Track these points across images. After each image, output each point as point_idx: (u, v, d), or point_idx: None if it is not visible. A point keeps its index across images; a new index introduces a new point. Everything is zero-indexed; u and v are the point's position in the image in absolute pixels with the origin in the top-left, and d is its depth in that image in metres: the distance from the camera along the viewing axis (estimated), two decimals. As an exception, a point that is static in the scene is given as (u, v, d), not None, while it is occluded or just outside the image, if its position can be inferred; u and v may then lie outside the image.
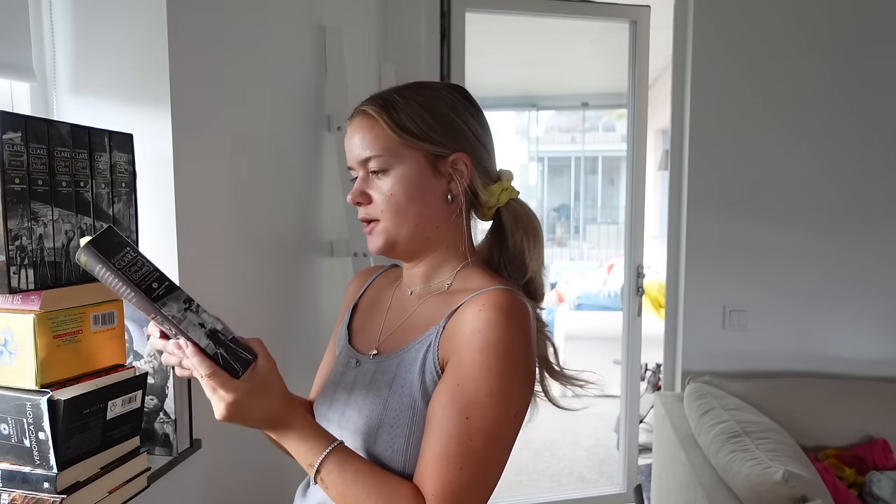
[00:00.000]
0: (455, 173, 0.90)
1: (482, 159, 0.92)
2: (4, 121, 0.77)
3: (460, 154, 0.89)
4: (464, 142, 0.90)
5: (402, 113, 0.88)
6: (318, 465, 0.78)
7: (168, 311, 0.70)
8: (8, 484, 0.84)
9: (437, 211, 0.90)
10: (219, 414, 0.75)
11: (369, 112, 0.89)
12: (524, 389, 0.83)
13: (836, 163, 2.43)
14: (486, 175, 0.92)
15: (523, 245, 0.93)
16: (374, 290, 1.06)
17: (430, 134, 0.88)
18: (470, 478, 0.77)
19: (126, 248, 0.70)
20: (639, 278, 2.89)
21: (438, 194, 0.90)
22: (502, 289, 0.84)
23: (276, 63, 1.58)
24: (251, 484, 1.47)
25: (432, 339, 0.85)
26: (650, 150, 3.71)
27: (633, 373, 2.96)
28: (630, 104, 2.87)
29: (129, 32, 1.11)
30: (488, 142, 0.94)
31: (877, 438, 2.20)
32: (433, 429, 0.79)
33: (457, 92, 0.94)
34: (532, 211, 0.96)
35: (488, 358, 0.78)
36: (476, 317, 0.81)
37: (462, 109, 0.92)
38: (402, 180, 0.88)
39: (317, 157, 1.86)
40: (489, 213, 0.95)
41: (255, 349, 0.77)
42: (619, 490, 2.97)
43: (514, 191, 0.95)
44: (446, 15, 2.55)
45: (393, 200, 0.89)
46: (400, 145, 0.88)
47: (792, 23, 2.41)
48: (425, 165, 0.89)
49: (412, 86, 0.92)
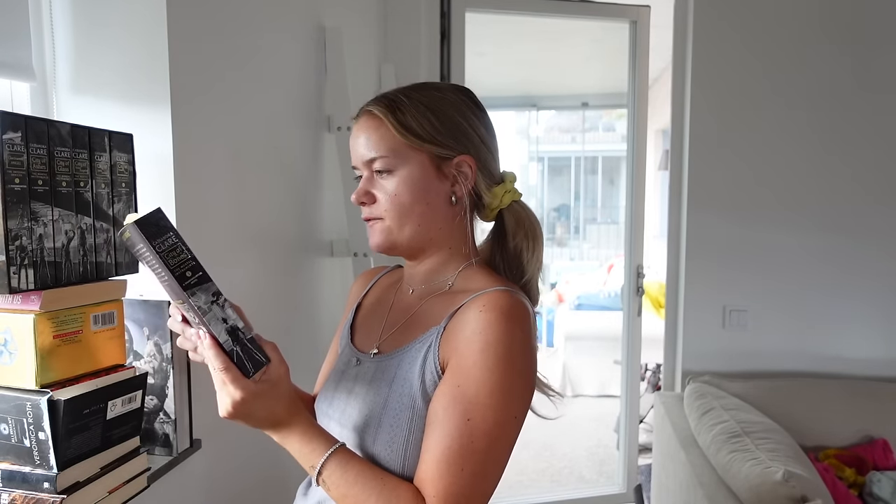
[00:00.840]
0: (459, 175, 0.90)
1: (486, 161, 0.92)
2: (4, 121, 0.77)
3: (465, 156, 0.90)
4: (468, 144, 0.90)
5: (407, 114, 0.88)
6: (321, 467, 0.79)
7: (196, 302, 0.72)
8: (8, 484, 0.84)
9: (440, 212, 0.91)
10: (223, 410, 0.76)
11: (375, 112, 0.89)
12: (524, 390, 0.83)
13: (837, 162, 2.43)
14: (490, 177, 0.93)
15: (522, 247, 0.93)
16: (377, 290, 1.06)
17: (435, 136, 0.88)
18: (471, 479, 0.77)
19: (169, 233, 0.72)
20: (639, 278, 2.89)
21: (442, 196, 0.90)
22: (503, 290, 0.85)
23: (276, 63, 1.58)
24: (251, 484, 1.47)
25: (433, 339, 0.85)
26: (650, 150, 3.71)
27: (633, 373, 2.96)
28: (630, 104, 2.87)
29: (130, 32, 1.11)
30: (493, 144, 0.95)
31: (877, 438, 2.20)
32: (434, 430, 0.79)
33: (462, 94, 0.94)
34: (533, 213, 0.96)
35: (489, 359, 0.79)
36: (477, 318, 0.81)
37: (467, 112, 0.92)
38: (407, 181, 0.88)
39: (317, 157, 1.86)
40: (491, 215, 0.95)
41: (270, 353, 0.77)
42: (619, 490, 2.97)
43: (516, 193, 0.95)
44: (446, 15, 2.56)
45: (397, 201, 0.89)
46: (405, 146, 0.88)
47: (792, 23, 2.41)
48: (430, 167, 0.89)
49: (418, 87, 0.92)
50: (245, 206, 1.43)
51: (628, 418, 2.93)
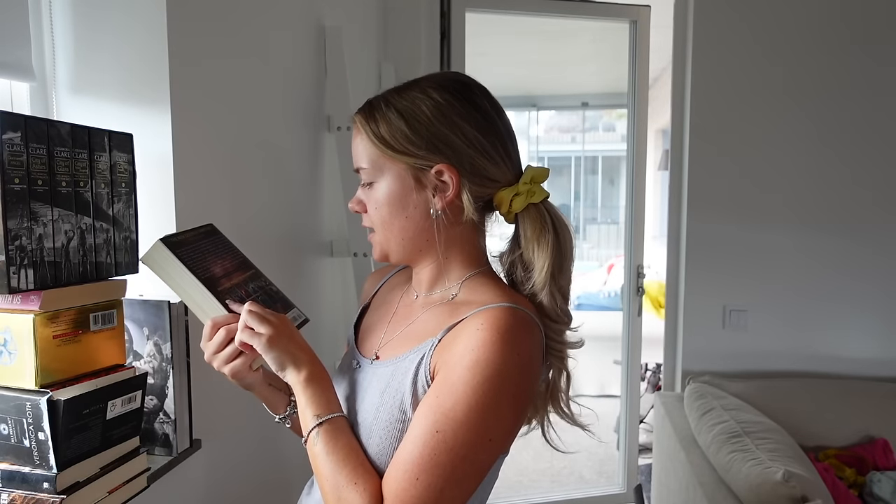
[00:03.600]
0: (440, 185, 0.85)
1: (477, 165, 0.85)
2: (4, 121, 0.77)
3: (442, 165, 0.84)
4: (448, 151, 0.84)
5: (381, 123, 0.85)
6: (325, 420, 0.81)
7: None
8: (8, 484, 0.84)
9: (421, 224, 0.87)
10: (267, 330, 0.82)
11: (356, 121, 0.89)
12: (510, 416, 0.79)
13: (836, 163, 2.44)
14: (487, 181, 0.86)
15: (534, 258, 0.85)
16: (385, 291, 1.05)
17: (408, 147, 0.84)
18: (424, 491, 0.75)
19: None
20: (639, 278, 2.89)
21: (421, 208, 0.86)
22: (508, 307, 0.80)
23: (276, 63, 1.58)
24: (251, 484, 1.47)
25: (426, 350, 0.83)
26: (650, 150, 3.70)
27: (633, 373, 2.96)
28: (630, 104, 2.87)
29: (129, 32, 1.11)
30: (490, 143, 0.85)
31: (877, 438, 2.20)
32: (407, 435, 0.79)
33: (450, 91, 0.86)
34: (561, 219, 0.87)
35: (475, 377, 0.76)
36: (472, 335, 0.78)
37: (451, 113, 0.84)
38: (385, 194, 0.87)
39: (317, 158, 1.86)
40: (509, 218, 0.89)
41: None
42: (619, 490, 2.97)
43: (532, 195, 0.86)
44: (446, 15, 2.56)
45: (378, 214, 0.88)
46: (382, 157, 0.86)
47: (791, 23, 2.41)
48: (407, 178, 0.85)
49: (403, 87, 0.88)
50: (245, 205, 1.42)
51: (628, 418, 2.93)
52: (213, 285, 0.87)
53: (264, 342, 0.82)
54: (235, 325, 0.85)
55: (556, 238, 0.86)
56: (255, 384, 0.92)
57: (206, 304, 0.86)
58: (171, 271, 0.86)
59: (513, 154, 0.89)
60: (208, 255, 0.91)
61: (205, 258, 0.90)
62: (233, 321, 0.85)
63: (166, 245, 0.86)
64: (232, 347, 0.85)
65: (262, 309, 0.85)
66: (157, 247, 0.86)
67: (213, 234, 0.96)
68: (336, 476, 0.79)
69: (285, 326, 0.85)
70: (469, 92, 0.87)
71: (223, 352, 0.86)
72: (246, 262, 0.98)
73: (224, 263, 0.92)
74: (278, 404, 0.97)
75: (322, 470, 0.81)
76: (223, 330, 0.85)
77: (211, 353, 0.87)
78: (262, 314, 0.84)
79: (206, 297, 0.86)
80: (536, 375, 0.84)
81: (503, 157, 0.87)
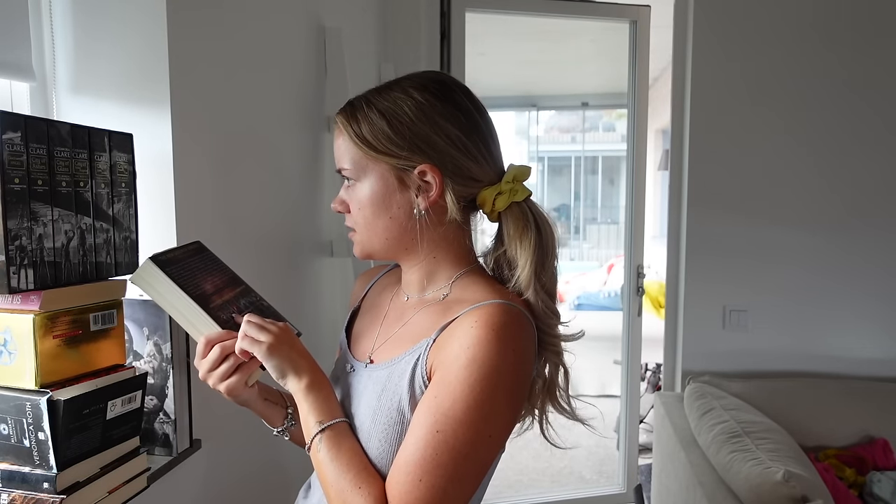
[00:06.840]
0: (423, 185, 0.85)
1: (461, 165, 0.85)
2: (4, 121, 0.77)
3: (425, 166, 0.84)
4: (431, 151, 0.84)
5: (363, 124, 0.85)
6: (328, 427, 0.82)
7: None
8: (8, 484, 0.84)
9: (405, 224, 0.87)
10: (267, 338, 0.83)
11: (337, 121, 0.88)
12: (507, 412, 0.80)
13: (836, 163, 2.43)
14: (470, 180, 0.86)
15: (517, 256, 0.85)
16: (375, 293, 1.05)
17: (390, 147, 0.84)
18: (427, 491, 0.75)
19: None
20: (639, 278, 2.89)
21: (405, 209, 0.86)
22: (500, 303, 0.81)
23: (276, 63, 1.58)
24: (251, 484, 1.47)
25: (422, 351, 0.83)
26: (650, 150, 3.70)
27: (633, 373, 2.96)
28: (630, 104, 2.87)
29: (129, 32, 1.11)
30: (473, 143, 0.86)
31: (877, 438, 2.20)
32: (407, 436, 0.79)
33: (431, 91, 0.85)
34: (544, 217, 0.87)
35: (472, 375, 0.76)
36: (467, 333, 0.78)
37: (432, 113, 0.84)
38: (368, 195, 0.87)
39: (317, 158, 1.86)
40: (492, 217, 0.89)
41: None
42: (619, 490, 2.97)
43: (514, 193, 0.87)
44: (446, 15, 2.55)
45: (361, 215, 0.88)
46: (364, 158, 0.86)
47: (792, 23, 2.41)
48: (391, 178, 0.85)
49: (384, 87, 0.88)
50: (245, 206, 1.42)
51: (628, 418, 2.93)
52: (204, 302, 0.86)
53: (265, 350, 0.83)
54: (229, 342, 0.85)
55: (539, 236, 0.86)
56: (250, 400, 0.93)
57: (198, 321, 0.86)
58: (161, 290, 0.85)
59: (495, 153, 0.89)
60: (198, 272, 0.90)
61: (195, 276, 0.89)
62: (227, 338, 0.85)
63: (156, 263, 0.85)
64: (227, 365, 0.85)
65: (262, 318, 0.86)
66: (147, 266, 0.85)
67: (201, 251, 0.95)
68: (340, 481, 0.79)
69: (285, 334, 0.86)
70: (450, 92, 0.87)
71: (218, 369, 0.85)
72: (236, 279, 0.97)
73: (214, 280, 0.92)
74: (275, 418, 0.97)
75: (326, 476, 0.81)
76: (217, 347, 0.85)
77: (206, 371, 0.86)
78: (261, 323, 0.85)
79: (199, 315, 0.85)
80: (531, 370, 0.84)
81: (485, 156, 0.88)
